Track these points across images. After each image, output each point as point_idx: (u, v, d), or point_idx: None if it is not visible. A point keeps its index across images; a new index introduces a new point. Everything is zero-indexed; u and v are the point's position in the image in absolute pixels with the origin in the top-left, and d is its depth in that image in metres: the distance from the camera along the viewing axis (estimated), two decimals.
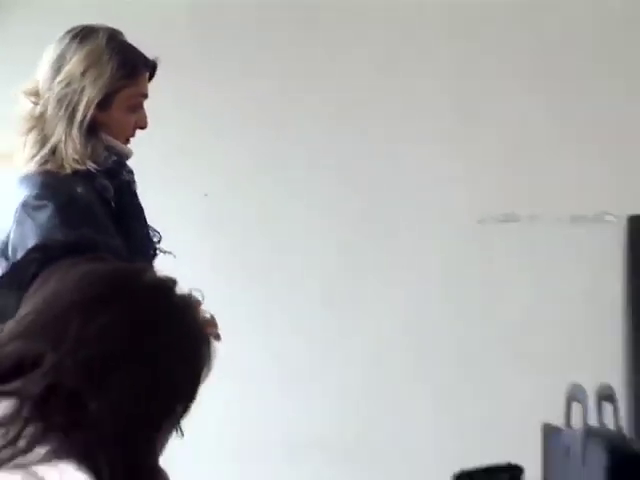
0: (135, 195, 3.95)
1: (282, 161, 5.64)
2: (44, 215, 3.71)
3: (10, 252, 3.76)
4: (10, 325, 1.99)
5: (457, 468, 2.88)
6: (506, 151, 5.62)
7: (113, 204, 3.87)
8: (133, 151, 3.91)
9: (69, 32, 3.80)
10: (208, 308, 2.45)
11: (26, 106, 3.79)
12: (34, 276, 2.17)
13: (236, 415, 5.24)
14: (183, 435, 2.35)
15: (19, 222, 3.71)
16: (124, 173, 3.88)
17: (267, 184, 5.58)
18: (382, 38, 5.74)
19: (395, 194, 5.61)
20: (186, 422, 2.02)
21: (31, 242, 3.56)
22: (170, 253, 3.97)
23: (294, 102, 5.65)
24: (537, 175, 5.63)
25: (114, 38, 3.77)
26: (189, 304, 2.04)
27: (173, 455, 2.10)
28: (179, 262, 3.77)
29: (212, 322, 2.57)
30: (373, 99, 5.65)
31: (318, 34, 5.75)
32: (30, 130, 3.75)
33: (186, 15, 5.63)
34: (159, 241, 4.05)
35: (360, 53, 5.73)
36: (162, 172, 5.15)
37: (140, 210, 3.97)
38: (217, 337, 2.42)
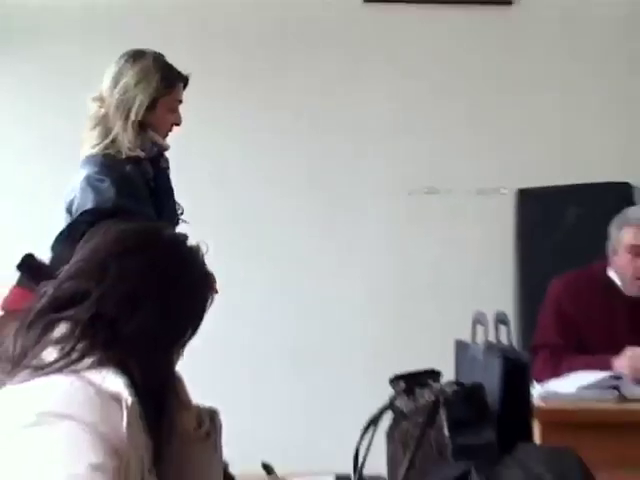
0: (168, 179, 4.37)
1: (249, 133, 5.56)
2: (102, 186, 4.04)
3: (74, 210, 4.01)
4: (66, 269, 2.22)
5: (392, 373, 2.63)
6: (432, 137, 5.64)
7: (152, 184, 4.25)
8: (170, 146, 4.29)
9: (124, 55, 4.26)
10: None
11: (94, 109, 4.21)
12: (84, 233, 2.36)
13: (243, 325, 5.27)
14: None
15: (83, 189, 4.05)
16: (162, 161, 4.34)
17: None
18: None
19: (342, 169, 5.64)
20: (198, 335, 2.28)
21: (89, 206, 3.96)
22: (188, 222, 4.27)
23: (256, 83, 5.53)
24: (452, 155, 5.66)
25: (157, 59, 4.27)
26: (197, 252, 2.30)
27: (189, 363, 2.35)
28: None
29: (212, 278, 2.42)
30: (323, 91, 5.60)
31: None
32: (96, 126, 4.20)
33: None
34: (182, 213, 4.35)
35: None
36: None
37: (171, 190, 4.37)
38: (216, 291, 2.37)
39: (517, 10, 5.69)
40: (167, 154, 4.40)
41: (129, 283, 2.17)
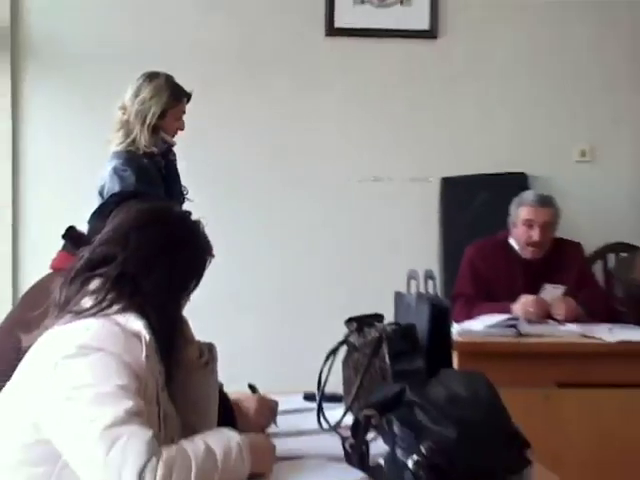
0: (176, 168, 4.38)
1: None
2: (126, 175, 4.11)
3: (105, 193, 4.08)
4: (98, 237, 2.22)
5: (347, 316, 2.75)
6: (377, 137, 5.56)
7: (163, 171, 4.29)
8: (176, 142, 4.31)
9: (143, 75, 4.28)
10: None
11: (118, 115, 4.25)
12: (112, 210, 2.40)
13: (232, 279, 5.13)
14: None
15: (111, 177, 4.13)
16: (170, 155, 4.36)
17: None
18: None
19: (309, 152, 5.55)
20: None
21: (116, 189, 4.01)
22: (191, 200, 4.26)
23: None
24: (392, 151, 5.56)
25: (168, 79, 4.28)
26: (199, 225, 2.28)
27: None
28: None
29: (210, 245, 2.29)
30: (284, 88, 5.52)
31: None
32: (120, 129, 4.25)
33: None
34: (187, 193, 4.38)
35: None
36: None
37: (177, 176, 4.40)
38: (212, 255, 2.31)
39: (440, 42, 5.63)
40: (174, 149, 4.40)
41: (146, 249, 2.16)
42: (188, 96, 4.35)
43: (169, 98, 4.25)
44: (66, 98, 5.33)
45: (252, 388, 2.68)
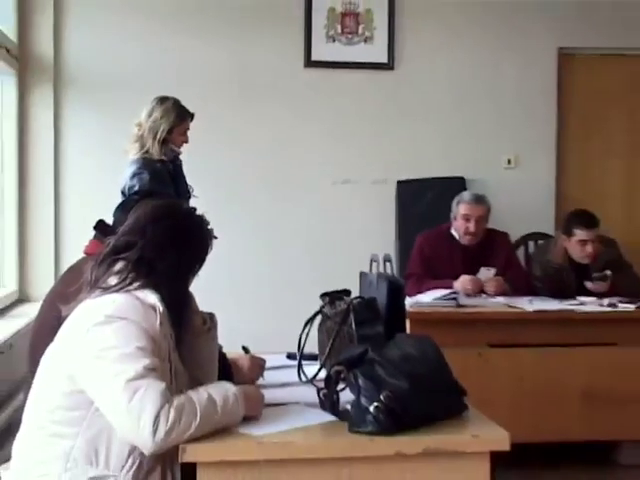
0: (182, 171, 4.34)
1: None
2: (143, 176, 4.07)
3: (126, 192, 4.04)
4: (122, 229, 2.22)
5: (321, 291, 2.73)
6: (346, 147, 5.51)
7: (172, 174, 4.25)
8: (182, 151, 4.28)
9: (155, 99, 4.24)
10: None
11: (135, 130, 4.22)
12: (132, 206, 2.41)
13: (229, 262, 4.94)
14: None
15: (130, 179, 4.09)
16: (177, 161, 4.31)
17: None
18: None
19: (290, 160, 5.48)
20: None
21: (136, 188, 3.99)
22: (196, 197, 4.24)
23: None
24: (359, 159, 5.52)
25: (175, 102, 4.25)
26: (202, 219, 2.27)
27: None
28: None
29: (212, 235, 2.26)
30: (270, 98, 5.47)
31: None
32: (136, 142, 4.22)
33: None
34: (192, 191, 4.33)
35: None
36: None
37: (184, 178, 4.35)
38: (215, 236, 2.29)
39: (396, 72, 5.59)
40: (181, 157, 4.37)
41: (160, 237, 2.15)
42: (191, 116, 4.33)
43: (176, 118, 4.24)
44: (96, 118, 5.30)
45: (245, 349, 2.67)
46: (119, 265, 2.13)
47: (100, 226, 2.85)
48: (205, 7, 5.42)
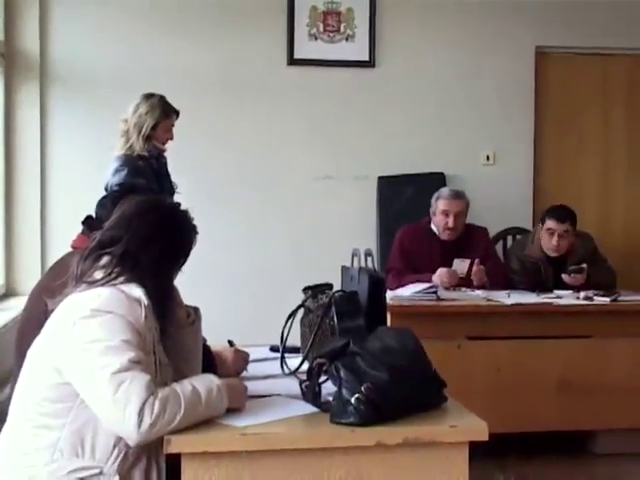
0: (166, 167, 4.32)
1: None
2: (124, 173, 4.04)
3: (108, 188, 3.99)
4: (107, 223, 2.21)
5: (303, 285, 2.73)
6: (329, 144, 5.51)
7: (156, 169, 4.22)
8: (166, 148, 4.26)
9: (142, 95, 4.23)
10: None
11: (121, 126, 4.19)
12: (113, 201, 2.52)
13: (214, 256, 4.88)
14: None
15: (113, 174, 4.06)
16: (161, 158, 4.29)
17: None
18: None
19: (273, 156, 5.47)
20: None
21: (115, 185, 3.93)
22: (180, 193, 4.22)
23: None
24: (340, 155, 5.51)
25: (161, 99, 4.23)
26: (186, 213, 2.26)
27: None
28: None
29: (195, 229, 2.27)
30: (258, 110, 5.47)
31: None
32: (122, 137, 4.19)
33: None
34: (176, 187, 4.31)
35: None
36: None
37: (168, 174, 4.33)
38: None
39: (377, 70, 5.59)
40: (165, 154, 4.35)
41: (145, 232, 2.14)
42: (177, 113, 4.30)
43: (161, 114, 4.21)
44: (82, 115, 5.27)
45: (230, 343, 2.66)
46: (104, 259, 2.11)
47: (88, 221, 2.84)
48: (189, 6, 5.41)
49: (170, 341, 2.16)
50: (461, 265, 4.61)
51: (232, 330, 2.96)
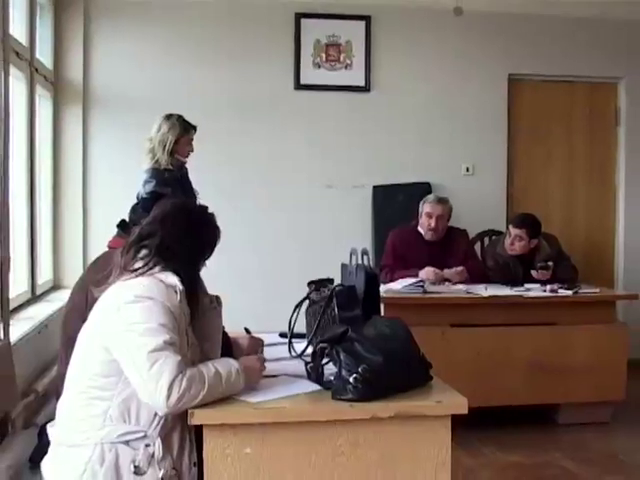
0: (188, 178, 4.26)
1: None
2: (153, 184, 4.02)
3: (139, 196, 3.95)
4: (146, 221, 2.19)
5: (308, 280, 2.73)
6: (330, 157, 5.49)
7: (179, 180, 4.15)
8: (187, 160, 4.21)
9: (163, 116, 4.18)
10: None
11: (147, 144, 4.15)
12: (147, 207, 2.43)
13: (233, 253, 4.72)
14: None
15: (143, 185, 4.05)
16: (184, 168, 4.23)
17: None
18: None
19: (282, 168, 5.45)
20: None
21: (146, 194, 3.91)
22: (201, 199, 3.87)
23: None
24: (338, 166, 5.48)
25: (179, 118, 4.19)
26: (213, 215, 2.24)
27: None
28: None
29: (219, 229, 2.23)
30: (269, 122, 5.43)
31: None
32: (148, 153, 4.14)
33: None
34: (198, 194, 4.14)
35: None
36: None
37: (190, 184, 4.25)
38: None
39: (372, 94, 5.57)
40: (187, 166, 4.31)
41: (178, 228, 2.13)
42: (194, 128, 4.27)
43: (181, 130, 4.17)
44: (118, 133, 5.25)
45: (247, 330, 2.63)
46: (143, 252, 2.11)
47: (122, 224, 2.84)
48: (210, 40, 5.41)
49: (198, 322, 2.14)
50: (450, 273, 4.60)
51: (247, 318, 2.90)
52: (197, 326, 2.13)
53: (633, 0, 5.55)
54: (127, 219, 2.88)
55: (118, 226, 2.86)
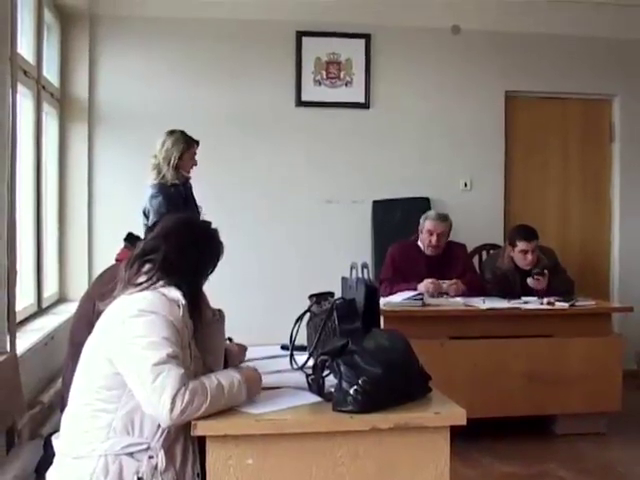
0: (192, 193, 4.25)
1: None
2: (158, 199, 4.03)
3: (146, 212, 4.04)
4: (150, 235, 2.22)
5: (309, 293, 2.71)
6: (330, 173, 5.48)
7: (184, 195, 4.17)
8: (191, 176, 4.21)
9: (166, 132, 4.18)
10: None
11: (152, 160, 4.15)
12: (157, 223, 2.43)
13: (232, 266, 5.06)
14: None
15: (149, 201, 4.05)
16: (188, 184, 4.22)
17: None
18: None
19: (283, 183, 5.45)
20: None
21: (154, 210, 3.97)
22: (204, 215, 3.95)
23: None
24: (339, 181, 5.49)
25: (182, 133, 4.19)
26: (216, 230, 2.23)
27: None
28: None
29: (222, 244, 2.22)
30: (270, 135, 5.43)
31: None
32: (153, 169, 4.14)
33: None
34: (202, 210, 4.18)
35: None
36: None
37: (194, 198, 4.25)
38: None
39: (372, 111, 5.59)
40: (190, 181, 4.31)
41: (182, 243, 2.12)
42: (197, 142, 4.26)
43: (184, 145, 4.18)
44: (123, 149, 5.25)
45: (229, 339, 2.58)
46: (147, 266, 2.10)
47: (129, 237, 2.86)
48: (214, 59, 5.42)
49: (201, 335, 2.14)
50: (446, 286, 4.59)
51: (249, 331, 2.93)
52: (200, 339, 2.11)
53: (625, 20, 5.63)
54: (134, 233, 2.89)
55: (125, 239, 2.86)
